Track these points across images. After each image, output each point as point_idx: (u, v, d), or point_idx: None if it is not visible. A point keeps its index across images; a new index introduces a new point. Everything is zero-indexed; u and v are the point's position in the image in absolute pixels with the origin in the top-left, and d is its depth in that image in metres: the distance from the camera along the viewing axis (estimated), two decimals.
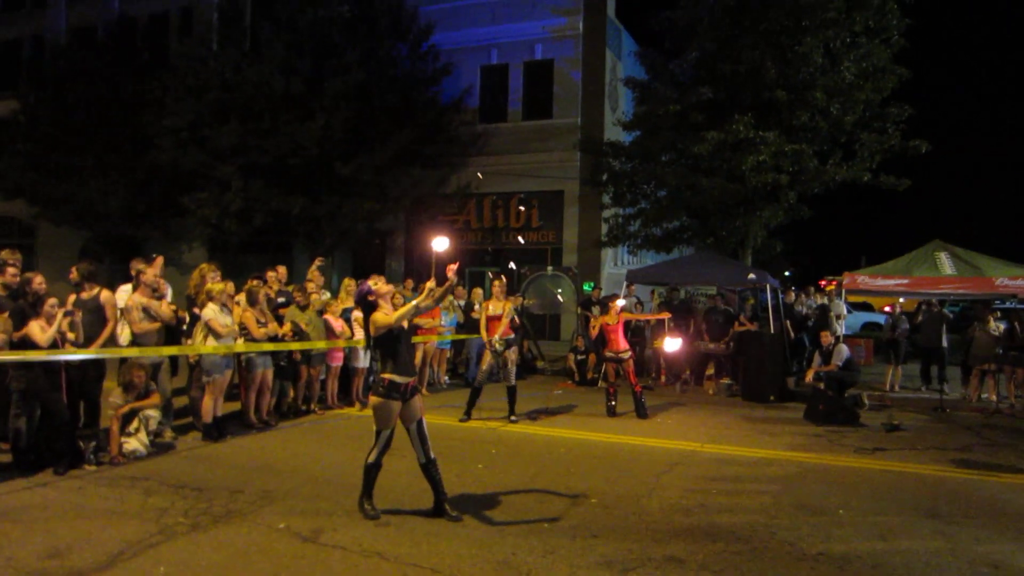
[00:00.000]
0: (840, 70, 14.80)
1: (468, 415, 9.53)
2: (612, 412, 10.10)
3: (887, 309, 16.82)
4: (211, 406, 7.96)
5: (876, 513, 5.88)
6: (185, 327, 8.54)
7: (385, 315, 5.43)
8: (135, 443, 6.97)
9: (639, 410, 9.98)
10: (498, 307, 9.66)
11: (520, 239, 20.04)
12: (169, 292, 8.66)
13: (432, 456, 5.55)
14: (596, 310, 14.73)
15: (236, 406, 9.04)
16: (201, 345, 7.96)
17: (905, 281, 11.95)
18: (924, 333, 13.66)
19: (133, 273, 8.00)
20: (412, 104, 18.59)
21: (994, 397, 11.88)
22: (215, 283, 8.15)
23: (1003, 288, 11.49)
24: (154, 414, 7.30)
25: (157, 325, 7.74)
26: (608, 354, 10.29)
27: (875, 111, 15.71)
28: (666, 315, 11.75)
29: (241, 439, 8.11)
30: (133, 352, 7.49)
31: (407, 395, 5.47)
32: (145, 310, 7.68)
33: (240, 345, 8.37)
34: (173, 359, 8.48)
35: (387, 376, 5.41)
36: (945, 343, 13.36)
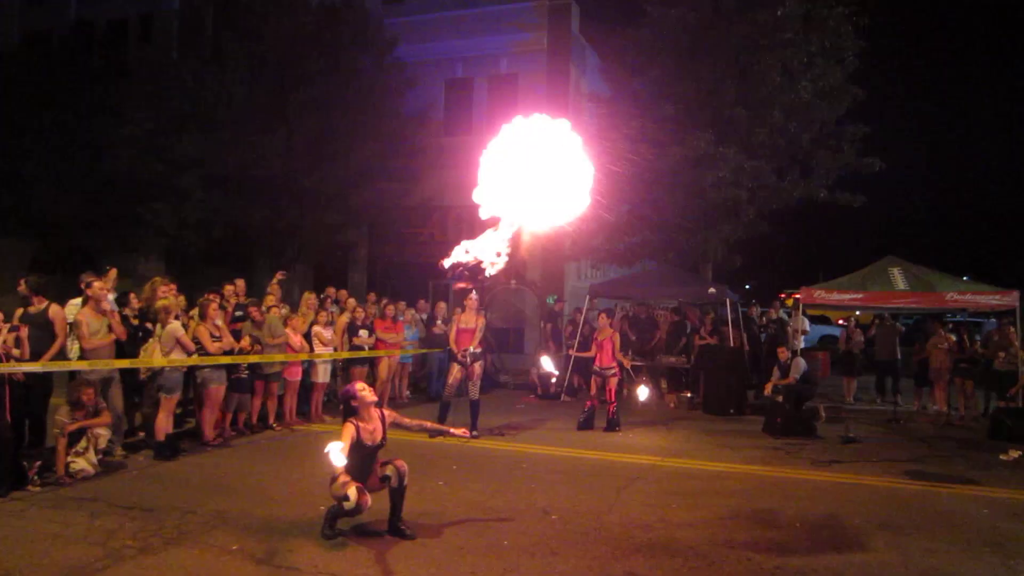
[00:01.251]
0: (797, 89, 15.09)
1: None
2: (588, 425, 10.15)
3: (841, 322, 17.12)
4: (164, 423, 7.77)
5: (832, 526, 5.96)
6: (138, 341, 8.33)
7: (344, 432, 5.32)
8: (83, 463, 6.76)
9: (609, 424, 10.06)
10: (471, 320, 9.63)
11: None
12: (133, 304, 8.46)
13: (405, 484, 5.51)
14: (561, 321, 14.79)
15: (191, 423, 8.85)
16: (157, 359, 7.78)
17: (860, 295, 12.19)
18: (878, 346, 13.97)
19: (83, 287, 7.79)
20: (376, 117, 18.49)
21: (945, 408, 12.17)
22: (166, 298, 7.98)
23: (953, 302, 11.78)
24: (104, 432, 7.09)
25: (108, 340, 7.54)
26: (595, 368, 10.35)
27: (831, 129, 16.03)
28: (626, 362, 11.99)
29: (195, 457, 7.93)
30: (82, 366, 7.28)
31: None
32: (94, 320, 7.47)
33: (198, 359, 8.20)
34: (128, 376, 8.25)
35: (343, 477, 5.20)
36: (899, 356, 13.67)
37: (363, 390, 5.57)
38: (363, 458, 5.42)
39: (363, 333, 11.30)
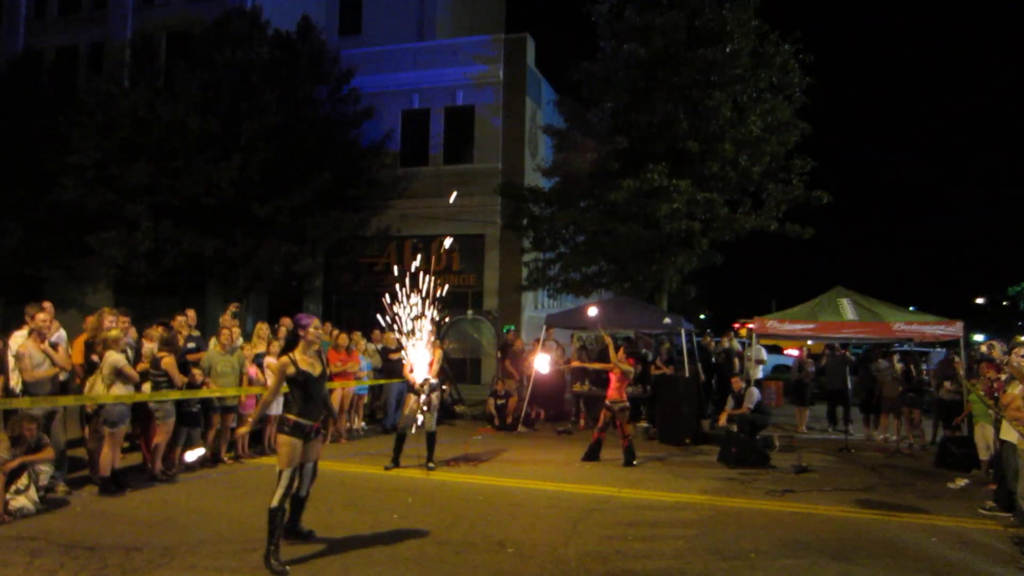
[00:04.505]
0: (747, 123, 15.50)
1: (396, 463, 9.29)
2: (594, 456, 10.12)
3: (788, 352, 17.40)
4: (110, 458, 7.51)
5: (786, 556, 6.01)
6: (79, 380, 8.04)
7: (277, 366, 5.75)
8: (23, 500, 6.48)
9: (626, 458, 9.96)
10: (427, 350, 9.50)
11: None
12: (62, 336, 8.17)
13: (309, 492, 5.88)
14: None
15: (138, 457, 8.59)
16: (104, 394, 7.53)
17: (811, 326, 12.43)
18: (830, 375, 14.24)
19: (27, 320, 7.55)
20: (332, 146, 18.46)
21: (895, 437, 12.42)
22: (112, 330, 7.76)
23: (900, 333, 12.08)
24: (46, 468, 6.82)
25: (51, 372, 7.29)
26: (606, 402, 10.30)
27: (780, 163, 16.49)
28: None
29: (142, 492, 7.66)
30: (24, 403, 7.01)
31: (310, 436, 5.63)
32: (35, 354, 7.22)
33: (147, 394, 7.98)
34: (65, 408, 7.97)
35: (292, 417, 5.53)
36: (849, 385, 13.95)
37: (316, 328, 5.77)
38: (313, 388, 5.62)
39: None
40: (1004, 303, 55.17)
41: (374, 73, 20.61)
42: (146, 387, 8.16)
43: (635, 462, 9.97)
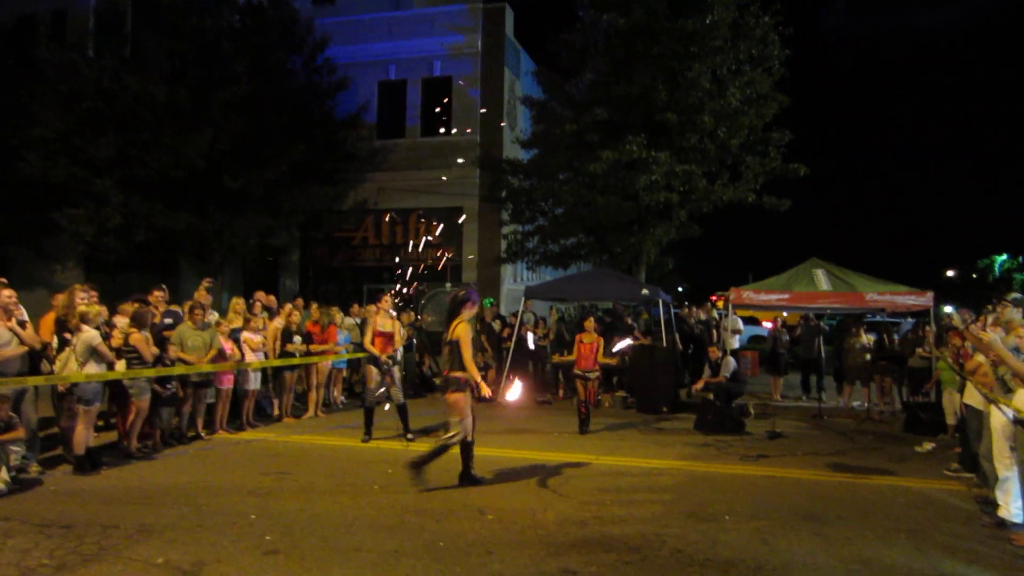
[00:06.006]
0: (726, 95, 15.50)
1: (369, 434, 9.33)
2: (584, 430, 10.12)
3: (764, 324, 17.56)
4: (84, 436, 7.43)
5: (759, 518, 6.13)
6: (52, 354, 7.92)
7: (468, 335, 6.96)
8: None
9: (581, 426, 10.12)
10: (387, 323, 9.47)
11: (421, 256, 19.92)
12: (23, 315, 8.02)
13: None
14: (497, 324, 14.80)
15: (112, 435, 8.52)
16: (74, 373, 7.43)
17: (786, 296, 12.56)
18: (803, 345, 14.44)
19: None
20: (307, 118, 18.17)
21: (866, 404, 12.65)
22: (89, 305, 7.64)
23: (873, 303, 12.25)
24: (17, 448, 6.74)
25: (20, 351, 7.17)
26: (576, 372, 10.36)
27: (758, 135, 16.53)
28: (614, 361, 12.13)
29: (117, 470, 7.62)
30: None
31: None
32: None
33: (121, 371, 7.89)
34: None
35: (462, 375, 6.78)
36: (823, 354, 14.16)
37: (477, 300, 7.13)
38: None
39: (297, 339, 11.11)
40: (974, 275, 56.48)
41: (349, 43, 20.23)
42: (120, 364, 8.07)
43: (590, 430, 10.15)
